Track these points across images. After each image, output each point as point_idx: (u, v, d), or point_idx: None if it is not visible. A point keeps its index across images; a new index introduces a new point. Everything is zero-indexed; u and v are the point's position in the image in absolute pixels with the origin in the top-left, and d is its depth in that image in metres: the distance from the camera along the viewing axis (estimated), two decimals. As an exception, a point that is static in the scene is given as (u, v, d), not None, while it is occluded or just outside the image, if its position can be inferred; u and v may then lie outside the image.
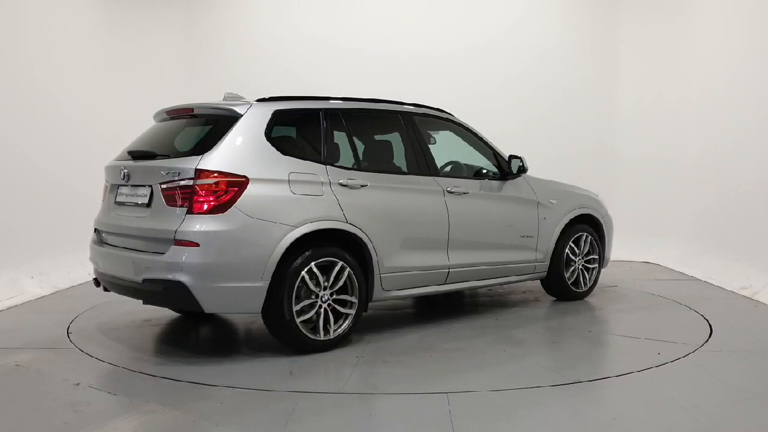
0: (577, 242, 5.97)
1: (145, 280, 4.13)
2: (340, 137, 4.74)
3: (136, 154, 4.55)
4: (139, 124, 5.41)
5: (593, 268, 6.15)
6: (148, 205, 4.29)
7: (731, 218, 7.20)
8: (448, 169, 5.63)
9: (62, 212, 7.14)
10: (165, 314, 5.49)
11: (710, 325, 5.14)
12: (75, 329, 5.09)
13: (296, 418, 3.26)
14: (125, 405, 3.47)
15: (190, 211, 4.04)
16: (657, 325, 5.28)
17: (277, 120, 4.45)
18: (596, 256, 6.14)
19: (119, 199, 4.66)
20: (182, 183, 4.09)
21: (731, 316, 5.52)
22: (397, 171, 5.03)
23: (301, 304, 4.23)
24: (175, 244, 4.03)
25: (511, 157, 5.51)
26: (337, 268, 4.36)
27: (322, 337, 4.32)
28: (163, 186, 4.17)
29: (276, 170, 4.27)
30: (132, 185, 4.51)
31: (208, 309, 4.10)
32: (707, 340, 4.73)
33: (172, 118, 4.82)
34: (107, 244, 4.70)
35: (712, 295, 6.42)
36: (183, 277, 3.98)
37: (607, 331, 5.20)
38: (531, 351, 4.55)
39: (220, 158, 4.12)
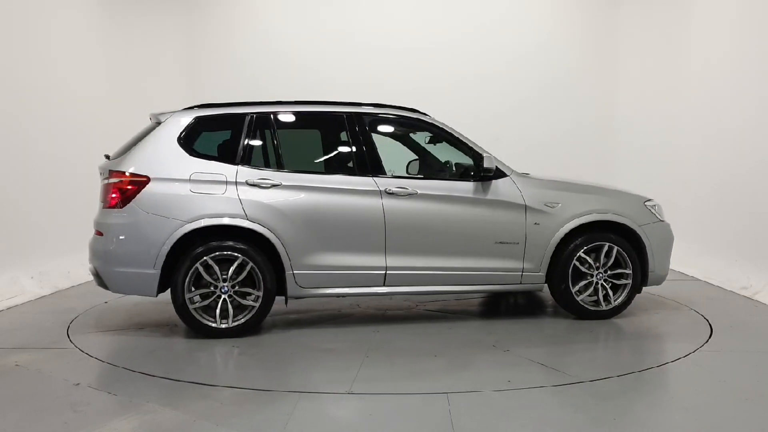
0: (596, 253, 5.24)
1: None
2: (266, 140, 5.05)
3: (106, 156, 5.17)
4: (140, 125, 5.42)
5: (623, 285, 5.30)
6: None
7: (731, 218, 7.19)
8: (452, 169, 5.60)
9: (62, 212, 7.14)
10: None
11: (710, 325, 5.13)
12: (75, 329, 5.09)
13: (296, 418, 3.26)
14: (125, 405, 3.48)
15: (104, 206, 4.83)
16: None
17: (197, 125, 4.95)
18: (629, 271, 5.26)
19: None
20: (105, 181, 4.88)
21: (731, 316, 5.52)
22: (326, 171, 5.16)
23: (196, 293, 4.71)
24: (95, 234, 4.87)
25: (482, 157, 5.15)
26: (237, 262, 4.71)
27: (219, 324, 4.73)
28: (101, 184, 4.96)
29: (179, 171, 4.76)
30: None
31: (113, 290, 4.84)
32: (707, 340, 4.73)
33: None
34: None
35: (712, 295, 6.41)
36: (95, 262, 4.85)
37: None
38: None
39: (130, 160, 4.79)
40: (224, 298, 4.74)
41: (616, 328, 5.14)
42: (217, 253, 4.70)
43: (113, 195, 4.74)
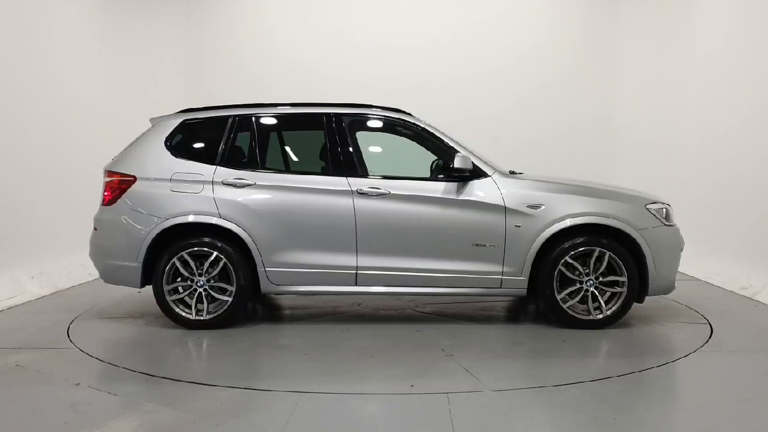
0: (587, 259, 4.96)
1: None
2: (246, 141, 5.19)
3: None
4: (140, 125, 5.42)
5: (618, 294, 4.99)
6: None
7: (731, 218, 7.20)
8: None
9: (62, 212, 7.14)
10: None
11: (710, 325, 5.14)
12: (75, 329, 5.10)
13: (296, 418, 3.26)
14: (125, 405, 3.48)
15: (101, 203, 5.17)
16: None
17: (183, 128, 5.23)
18: (623, 279, 4.94)
19: None
20: (103, 180, 5.20)
21: (731, 316, 5.52)
22: (300, 171, 5.30)
23: (174, 285, 5.01)
24: (93, 229, 5.21)
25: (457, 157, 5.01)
26: (211, 258, 4.95)
27: (194, 316, 5.01)
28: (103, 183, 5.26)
29: (162, 171, 5.05)
30: None
31: (105, 281, 5.21)
32: (707, 340, 4.73)
33: None
34: None
35: (712, 295, 6.42)
36: (90, 255, 5.25)
37: (607, 330, 5.18)
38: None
39: (121, 161, 5.17)
40: (200, 292, 5.01)
41: (607, 332, 4.98)
42: (193, 249, 4.95)
43: (106, 193, 5.11)
